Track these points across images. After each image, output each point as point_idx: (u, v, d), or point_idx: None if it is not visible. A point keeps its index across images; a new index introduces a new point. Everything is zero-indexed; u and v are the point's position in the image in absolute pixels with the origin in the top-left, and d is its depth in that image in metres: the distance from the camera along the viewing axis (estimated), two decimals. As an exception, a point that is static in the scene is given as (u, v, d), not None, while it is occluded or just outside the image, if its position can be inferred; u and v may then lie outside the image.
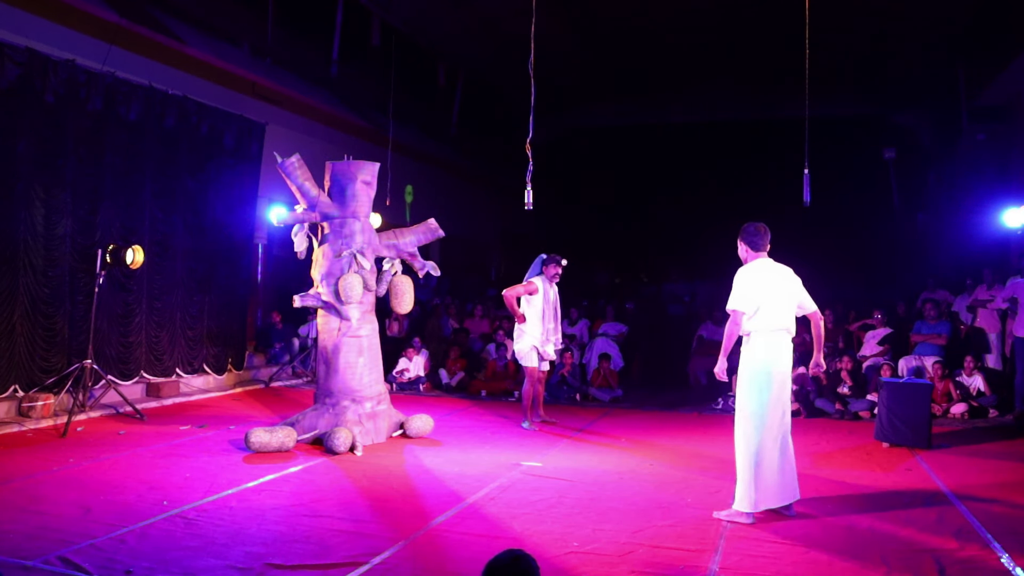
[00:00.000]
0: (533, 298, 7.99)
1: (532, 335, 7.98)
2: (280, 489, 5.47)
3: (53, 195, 7.84)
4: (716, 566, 4.11)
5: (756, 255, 5.23)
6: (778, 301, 5.10)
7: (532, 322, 7.98)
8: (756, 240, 5.23)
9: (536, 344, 7.98)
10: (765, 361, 5.01)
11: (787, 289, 5.17)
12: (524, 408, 8.10)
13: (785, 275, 5.22)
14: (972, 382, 8.99)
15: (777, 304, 5.09)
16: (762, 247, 5.24)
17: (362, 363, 7.13)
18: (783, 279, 5.19)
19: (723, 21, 12.87)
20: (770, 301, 5.07)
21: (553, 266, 8.09)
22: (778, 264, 5.25)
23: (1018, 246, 11.52)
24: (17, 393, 7.56)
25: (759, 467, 4.92)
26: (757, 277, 5.12)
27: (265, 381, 10.69)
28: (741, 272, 5.19)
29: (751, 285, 5.09)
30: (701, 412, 9.22)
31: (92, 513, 4.81)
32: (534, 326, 7.98)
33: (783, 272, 5.23)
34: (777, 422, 4.99)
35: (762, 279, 5.12)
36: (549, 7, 7.57)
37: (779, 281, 5.16)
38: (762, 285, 5.10)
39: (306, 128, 12.27)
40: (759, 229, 5.24)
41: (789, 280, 5.22)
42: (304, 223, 7.19)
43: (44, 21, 8.08)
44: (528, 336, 7.99)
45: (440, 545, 4.40)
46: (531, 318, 7.98)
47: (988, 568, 4.14)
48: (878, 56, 14.12)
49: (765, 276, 5.14)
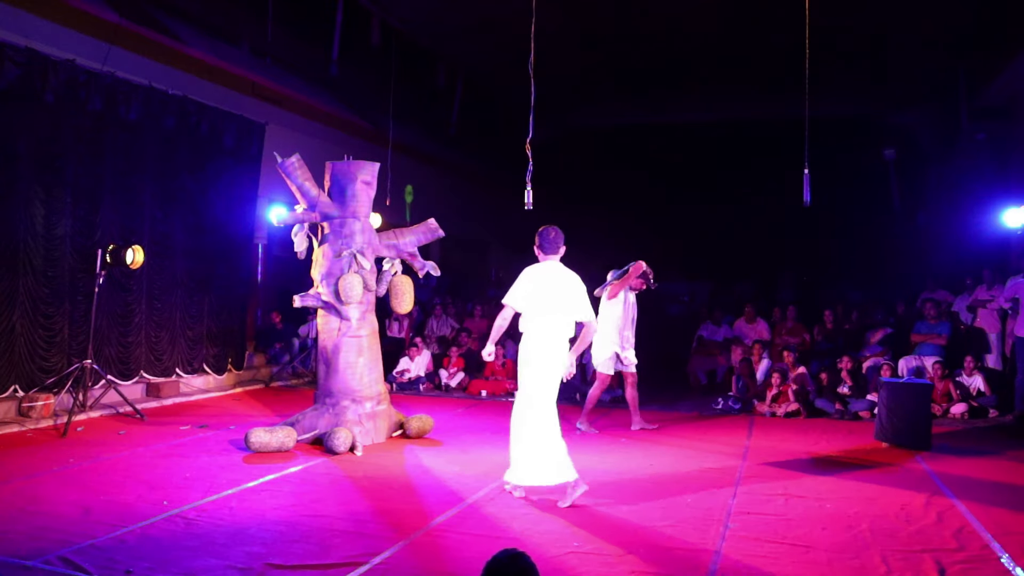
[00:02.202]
0: (613, 305, 7.85)
1: (613, 342, 7.82)
2: (280, 489, 5.48)
3: (53, 195, 7.84)
4: (716, 566, 4.11)
5: (546, 257, 5.53)
6: (551, 303, 5.39)
7: (614, 329, 7.82)
8: (547, 244, 5.53)
9: (617, 351, 7.85)
10: (534, 354, 5.37)
11: (564, 293, 5.43)
12: (585, 410, 7.98)
13: (567, 281, 5.50)
14: (972, 382, 8.99)
15: (550, 306, 5.39)
16: (552, 251, 5.54)
17: (362, 363, 7.13)
18: (562, 284, 5.46)
19: (723, 21, 12.86)
20: (544, 302, 5.38)
21: (641, 280, 7.98)
22: (565, 269, 5.54)
23: (1018, 246, 11.52)
24: (17, 393, 7.57)
25: (520, 445, 5.35)
26: (536, 278, 5.46)
27: (265, 381, 10.69)
28: (524, 271, 5.53)
29: (527, 284, 5.44)
30: (701, 412, 9.21)
31: (92, 513, 4.81)
32: (615, 333, 7.83)
33: (566, 278, 5.50)
34: (541, 409, 5.34)
35: (540, 280, 5.44)
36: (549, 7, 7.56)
37: (558, 285, 5.44)
38: (539, 286, 5.42)
39: (306, 128, 12.27)
40: (550, 233, 5.53)
41: (569, 286, 5.46)
42: (304, 223, 7.19)
43: (44, 21, 8.08)
44: (609, 343, 7.82)
45: (440, 545, 4.40)
46: (611, 324, 7.81)
47: (988, 568, 4.14)
48: (878, 56, 14.10)
49: (545, 278, 5.45)
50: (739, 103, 17.01)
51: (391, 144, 12.50)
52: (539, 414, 5.36)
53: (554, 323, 5.40)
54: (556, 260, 5.54)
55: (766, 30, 12.62)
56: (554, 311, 5.40)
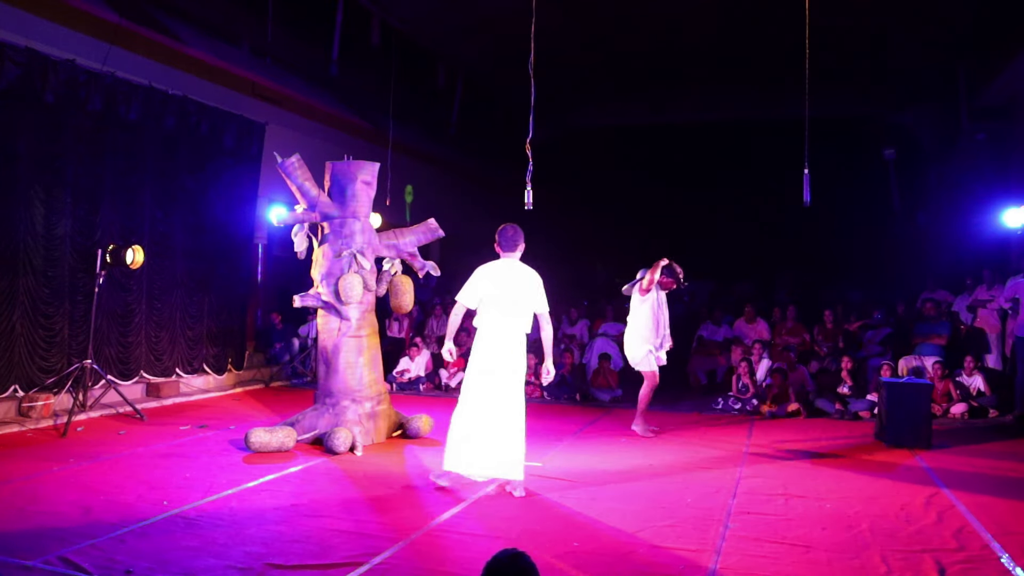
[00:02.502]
0: (643, 303, 7.80)
1: (646, 340, 7.77)
2: (280, 489, 5.48)
3: (53, 195, 7.84)
4: (716, 566, 4.11)
5: (504, 255, 5.62)
6: (505, 299, 5.47)
7: (646, 327, 7.78)
8: (504, 241, 5.62)
9: (651, 348, 7.80)
10: (484, 348, 5.49)
11: (518, 289, 5.50)
12: (639, 412, 7.84)
13: (522, 277, 5.55)
14: (972, 382, 8.99)
15: (503, 302, 5.47)
16: (509, 248, 5.62)
17: (362, 363, 7.13)
18: (517, 280, 5.53)
19: (723, 21, 12.87)
20: (497, 299, 5.47)
21: (671, 279, 7.92)
22: (521, 266, 5.61)
23: (1018, 246, 11.52)
24: (17, 393, 7.56)
25: (453, 435, 5.47)
26: (490, 275, 5.54)
27: (265, 381, 10.69)
28: (477, 269, 5.62)
29: (481, 282, 5.54)
30: (701, 412, 9.21)
31: (92, 513, 4.81)
32: (648, 331, 7.78)
33: (521, 273, 5.56)
34: (481, 403, 5.44)
35: (495, 277, 5.52)
36: (549, 7, 7.56)
37: (512, 281, 5.51)
38: (493, 283, 5.50)
39: (306, 128, 12.27)
40: (508, 231, 5.62)
41: (524, 281, 5.54)
42: (304, 223, 7.19)
43: (44, 21, 8.08)
44: (643, 342, 7.78)
45: (440, 545, 4.40)
46: (644, 323, 7.79)
47: (988, 568, 4.14)
48: (878, 56, 14.12)
49: (498, 275, 5.52)
50: (739, 103, 17.02)
51: (391, 144, 12.50)
52: (506, 408, 5.43)
53: (503, 318, 5.48)
54: (513, 257, 5.62)
55: (766, 30, 12.63)
56: (507, 307, 5.48)
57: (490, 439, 5.38)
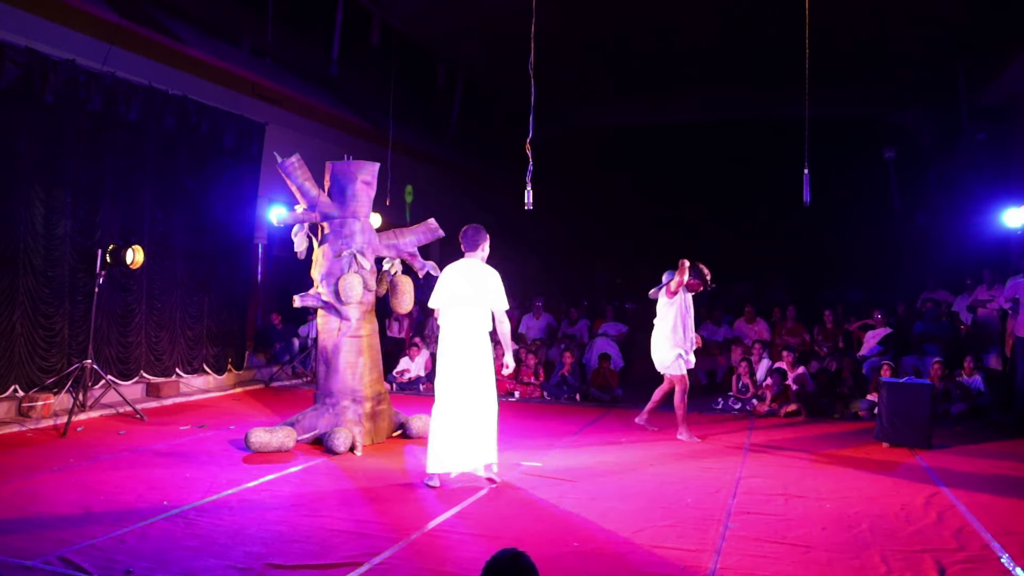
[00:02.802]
0: (670, 306, 7.65)
1: (675, 343, 7.61)
2: (280, 489, 5.48)
3: (53, 195, 7.84)
4: (716, 566, 4.11)
5: (468, 254, 5.78)
6: (462, 297, 5.63)
7: (674, 330, 7.62)
8: (465, 241, 5.79)
9: (681, 351, 7.63)
10: (452, 346, 5.64)
11: (475, 287, 5.65)
12: (680, 419, 7.64)
13: (480, 275, 5.69)
14: (972, 382, 8.99)
15: (461, 299, 5.64)
16: (470, 248, 5.77)
17: (362, 363, 7.13)
18: (475, 278, 5.67)
19: (723, 21, 12.87)
20: (456, 296, 5.64)
21: (698, 281, 7.80)
22: (481, 264, 5.76)
23: (1018, 246, 11.52)
24: (17, 393, 7.57)
25: (434, 436, 5.60)
26: (451, 275, 5.68)
27: (265, 381, 10.69)
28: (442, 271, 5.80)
29: (444, 283, 5.69)
30: (701, 412, 9.21)
31: (92, 513, 4.81)
32: (677, 334, 7.62)
33: (481, 272, 5.71)
34: (456, 400, 5.59)
35: (455, 277, 5.67)
36: (549, 7, 7.56)
37: (470, 279, 5.66)
38: (453, 281, 5.65)
39: (306, 128, 12.27)
40: (468, 231, 5.78)
41: (483, 279, 5.67)
42: (304, 223, 7.19)
43: (44, 21, 8.08)
44: (671, 345, 7.63)
45: (440, 545, 4.40)
46: (671, 326, 7.63)
47: (988, 568, 4.14)
48: (878, 56, 14.11)
49: (459, 274, 5.68)
50: (739, 103, 17.01)
51: (391, 144, 12.50)
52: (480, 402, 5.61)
53: (465, 315, 5.63)
54: (474, 256, 5.76)
55: (766, 30, 12.63)
56: (470, 304, 5.63)
57: (469, 434, 5.59)
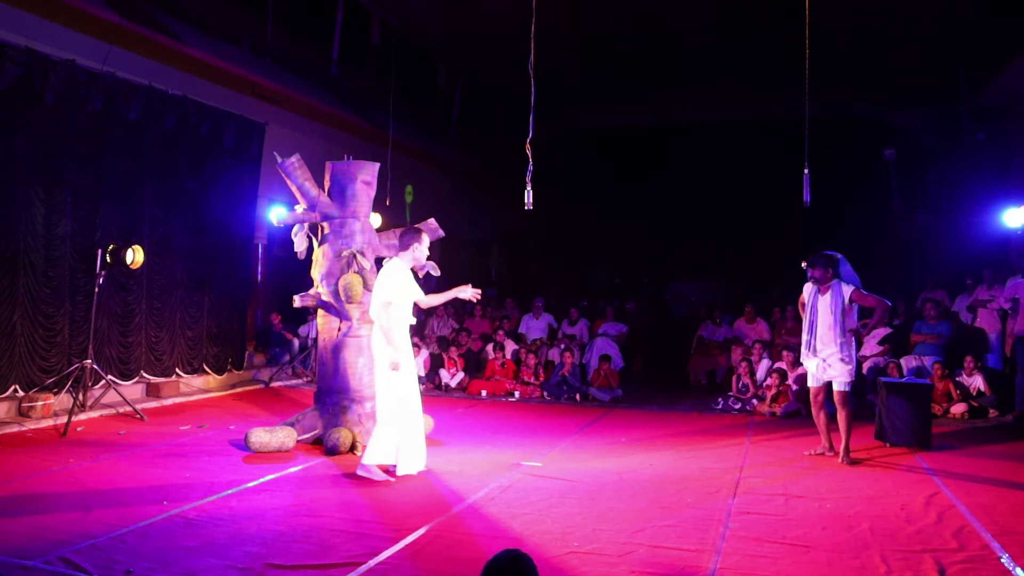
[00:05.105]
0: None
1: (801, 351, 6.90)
2: (280, 489, 5.48)
3: (53, 195, 7.84)
4: (716, 566, 4.11)
5: (400, 255, 5.96)
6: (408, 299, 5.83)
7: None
8: (399, 243, 6.00)
9: (803, 360, 6.91)
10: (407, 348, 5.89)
11: (412, 289, 5.89)
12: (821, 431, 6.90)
13: (407, 276, 5.88)
14: (972, 382, 8.99)
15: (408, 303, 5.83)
16: (401, 248, 5.95)
17: (362, 363, 7.13)
18: (407, 279, 5.86)
19: (723, 21, 12.87)
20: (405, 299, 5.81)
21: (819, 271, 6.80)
22: (386, 263, 5.96)
23: (1018, 246, 11.52)
24: (17, 393, 7.57)
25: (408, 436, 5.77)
26: (394, 276, 5.80)
27: (265, 381, 10.69)
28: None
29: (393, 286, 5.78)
30: (701, 412, 9.21)
31: (92, 513, 4.81)
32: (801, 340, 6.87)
33: (383, 271, 5.88)
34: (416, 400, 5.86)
35: (396, 278, 5.79)
36: (549, 7, 7.56)
37: (408, 279, 5.86)
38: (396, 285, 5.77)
39: (306, 128, 12.28)
40: (408, 231, 6.04)
41: (403, 280, 5.84)
42: (304, 223, 7.19)
43: (44, 21, 8.08)
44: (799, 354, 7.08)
45: (440, 545, 4.40)
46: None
47: (988, 568, 4.14)
48: (878, 56, 14.12)
49: (398, 275, 5.81)
50: (739, 103, 17.03)
51: (391, 144, 12.50)
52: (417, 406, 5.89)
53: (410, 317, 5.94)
54: (404, 256, 5.93)
55: (766, 30, 12.63)
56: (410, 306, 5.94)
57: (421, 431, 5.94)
